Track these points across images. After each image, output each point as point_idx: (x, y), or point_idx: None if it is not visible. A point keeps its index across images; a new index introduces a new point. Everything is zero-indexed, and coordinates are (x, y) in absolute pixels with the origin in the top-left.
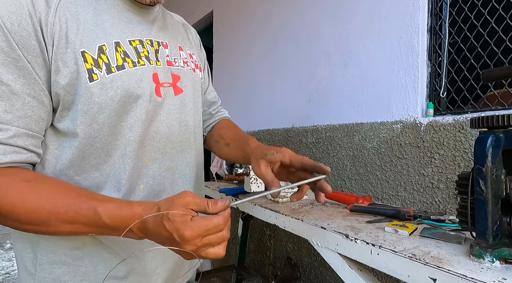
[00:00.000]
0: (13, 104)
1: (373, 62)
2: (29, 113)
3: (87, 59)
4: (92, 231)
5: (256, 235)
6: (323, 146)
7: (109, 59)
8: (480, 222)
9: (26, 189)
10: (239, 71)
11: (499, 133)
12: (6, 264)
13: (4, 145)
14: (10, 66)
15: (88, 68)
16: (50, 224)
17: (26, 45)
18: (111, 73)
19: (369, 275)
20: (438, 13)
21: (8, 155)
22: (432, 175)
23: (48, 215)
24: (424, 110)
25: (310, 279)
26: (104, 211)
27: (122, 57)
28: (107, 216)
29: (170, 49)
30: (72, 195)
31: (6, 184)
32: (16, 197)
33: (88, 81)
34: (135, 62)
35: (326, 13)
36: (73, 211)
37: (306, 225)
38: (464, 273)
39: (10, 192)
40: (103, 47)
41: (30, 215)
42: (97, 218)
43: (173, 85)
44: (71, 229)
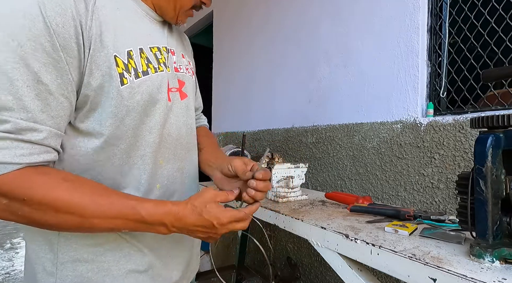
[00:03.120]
0: (48, 104)
1: (373, 62)
2: (61, 113)
3: (119, 63)
4: (130, 227)
5: (256, 235)
6: (323, 146)
7: (136, 64)
8: (480, 222)
9: (71, 189)
10: (239, 71)
11: (499, 133)
12: (6, 264)
13: (39, 145)
14: (50, 67)
15: (120, 73)
16: (90, 222)
17: (67, 46)
18: (138, 78)
19: (369, 275)
20: (438, 13)
21: (41, 154)
22: (432, 175)
23: (93, 212)
24: (424, 110)
25: (310, 279)
26: (143, 209)
27: (146, 63)
28: (146, 213)
29: (176, 56)
30: (112, 194)
31: (48, 183)
32: (61, 195)
33: (120, 85)
34: (156, 68)
35: (326, 13)
36: (116, 209)
37: (306, 225)
38: (464, 273)
39: (55, 190)
40: (130, 52)
41: (75, 212)
42: (137, 215)
43: (179, 90)
44: (111, 225)
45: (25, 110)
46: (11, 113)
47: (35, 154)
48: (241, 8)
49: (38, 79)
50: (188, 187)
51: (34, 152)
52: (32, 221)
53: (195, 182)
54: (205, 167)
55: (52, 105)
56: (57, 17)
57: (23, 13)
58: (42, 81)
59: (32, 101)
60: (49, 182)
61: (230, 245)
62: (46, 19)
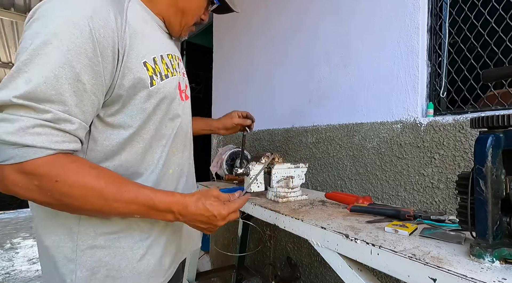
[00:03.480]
0: (82, 100)
1: (373, 62)
2: (90, 109)
3: (148, 68)
4: (143, 212)
5: (256, 235)
6: (323, 146)
7: (160, 68)
8: (480, 222)
9: (98, 176)
10: (239, 71)
11: (499, 133)
12: (6, 264)
13: (70, 135)
14: (89, 69)
15: (150, 75)
16: (113, 205)
17: (104, 54)
18: (162, 80)
19: (369, 275)
20: (438, 13)
21: (71, 143)
22: (432, 175)
23: (114, 197)
24: (424, 110)
25: (310, 279)
26: (156, 197)
27: (166, 68)
28: (158, 201)
29: (181, 63)
30: (130, 183)
31: (79, 169)
32: (90, 181)
33: (150, 86)
34: (173, 72)
35: (326, 13)
36: (133, 195)
37: (306, 225)
38: (464, 273)
39: (85, 176)
40: (155, 58)
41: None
42: (150, 201)
43: (185, 92)
44: (127, 210)
45: (63, 104)
46: (52, 105)
47: (67, 142)
48: (241, 8)
49: (78, 78)
50: (191, 173)
51: (66, 140)
52: (58, 201)
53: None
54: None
55: (85, 101)
56: (101, 29)
57: (74, 24)
58: (81, 80)
59: (70, 97)
60: (80, 168)
61: (230, 245)
62: (92, 30)
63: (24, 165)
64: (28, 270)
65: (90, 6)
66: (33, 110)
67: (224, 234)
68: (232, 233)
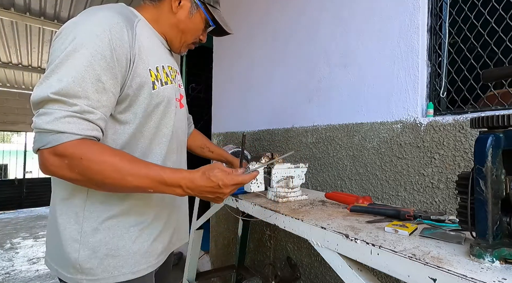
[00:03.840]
0: (102, 96)
1: (373, 62)
2: (108, 104)
3: (152, 74)
4: (154, 186)
5: (256, 235)
6: (323, 146)
7: (161, 76)
8: (480, 222)
9: (115, 154)
10: (239, 71)
11: (499, 133)
12: (6, 264)
13: (93, 123)
14: (108, 71)
15: (153, 81)
16: (128, 179)
17: (120, 59)
18: (162, 86)
19: (369, 275)
20: (438, 13)
21: (94, 131)
22: (432, 175)
23: (130, 172)
24: (424, 110)
25: (310, 279)
26: (165, 173)
27: (166, 76)
28: (167, 176)
29: (178, 76)
30: (142, 161)
31: (100, 149)
32: (108, 159)
33: (152, 89)
34: (171, 80)
35: (326, 13)
36: (145, 171)
37: (306, 225)
38: (464, 273)
39: (104, 155)
40: (157, 68)
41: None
42: (160, 176)
43: (179, 101)
44: (140, 183)
45: (88, 99)
46: (79, 100)
47: (90, 129)
48: (241, 8)
49: (99, 79)
50: None
51: (90, 127)
52: (83, 174)
53: None
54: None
55: (104, 97)
56: (117, 40)
57: (96, 36)
58: (101, 80)
59: (93, 94)
60: (100, 149)
61: (230, 245)
62: (110, 40)
63: (57, 148)
64: (28, 270)
65: (109, 22)
66: (65, 104)
67: (224, 234)
68: (232, 233)
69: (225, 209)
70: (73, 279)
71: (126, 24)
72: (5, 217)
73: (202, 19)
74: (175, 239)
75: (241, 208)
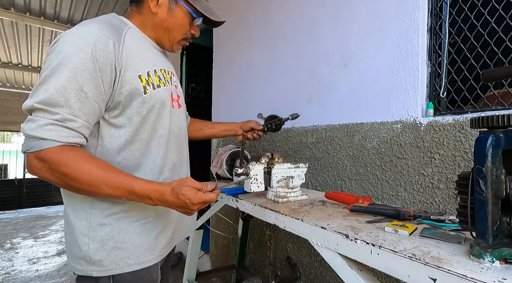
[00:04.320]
0: (84, 105)
1: (373, 62)
2: (91, 112)
3: (142, 80)
4: (126, 196)
5: (256, 235)
6: (323, 146)
7: (153, 80)
8: (480, 222)
9: (91, 163)
10: (238, 71)
11: (499, 133)
12: (6, 264)
13: (74, 131)
14: (91, 81)
15: (144, 86)
16: (101, 187)
17: (104, 70)
18: (155, 89)
19: (369, 275)
20: (438, 13)
21: (75, 138)
22: (432, 175)
23: (103, 181)
24: (424, 110)
25: (310, 279)
26: (136, 184)
27: (158, 79)
28: (138, 188)
29: (175, 77)
30: (117, 172)
31: (77, 157)
32: (84, 166)
33: (143, 94)
34: (164, 83)
35: (326, 13)
36: (118, 181)
37: (306, 225)
38: (464, 273)
39: (80, 162)
40: (149, 72)
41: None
42: (131, 187)
43: (178, 101)
44: (113, 192)
45: (70, 108)
46: (61, 109)
47: (71, 136)
48: (241, 8)
49: (81, 89)
50: (185, 171)
51: (71, 135)
52: (61, 179)
53: (189, 169)
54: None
55: (87, 106)
56: (102, 53)
57: (79, 49)
58: (83, 90)
59: (75, 103)
60: (77, 156)
61: (230, 245)
62: (93, 52)
63: (39, 153)
64: (28, 270)
65: (94, 36)
66: (47, 112)
67: (224, 234)
68: (232, 233)
69: (225, 209)
70: (84, 271)
71: (113, 35)
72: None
73: (184, 13)
74: (177, 235)
75: (241, 208)
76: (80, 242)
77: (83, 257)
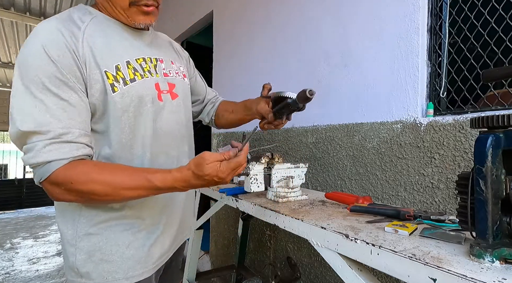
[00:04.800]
0: (72, 113)
1: (373, 62)
2: (83, 118)
3: (109, 76)
4: (153, 193)
5: (256, 235)
6: (323, 146)
7: (124, 74)
8: (480, 222)
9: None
10: (239, 71)
11: (499, 133)
12: (6, 264)
13: (75, 143)
14: (64, 87)
15: (110, 83)
16: (122, 194)
17: (71, 70)
18: (126, 85)
19: (369, 275)
20: (438, 13)
21: (80, 149)
22: (432, 175)
23: (121, 186)
24: (424, 110)
25: (310, 279)
26: (156, 180)
27: (132, 72)
28: (159, 183)
29: (165, 63)
30: (131, 173)
31: (86, 169)
32: (97, 177)
33: (112, 93)
34: (142, 75)
35: (326, 13)
36: (136, 183)
37: (306, 225)
38: (464, 273)
39: (92, 174)
40: (118, 66)
41: (107, 189)
42: (151, 184)
43: (170, 92)
44: (136, 194)
45: (59, 121)
46: (50, 125)
47: (75, 149)
48: (241, 8)
49: (60, 98)
50: None
51: (73, 148)
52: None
53: None
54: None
55: (75, 113)
56: (57, 51)
57: (34, 58)
58: (63, 98)
59: (61, 114)
60: (87, 168)
61: (230, 245)
62: (49, 56)
63: (51, 178)
64: (28, 270)
65: (42, 37)
66: (40, 134)
67: (224, 234)
68: (232, 233)
69: (225, 209)
70: (74, 282)
71: (66, 29)
72: (5, 217)
73: None
74: (180, 239)
75: (241, 208)
76: (68, 253)
77: (72, 267)
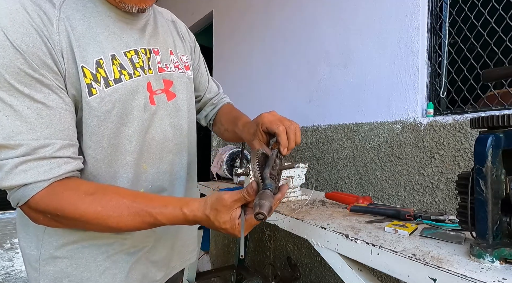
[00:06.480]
0: (51, 119)
1: (373, 62)
2: (66, 125)
3: (86, 74)
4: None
5: (256, 235)
6: (323, 146)
7: (106, 73)
8: (480, 222)
9: (93, 202)
10: (239, 71)
11: (499, 133)
12: (6, 264)
13: (55, 159)
14: (38, 86)
15: (87, 83)
16: (116, 229)
17: (45, 64)
18: (109, 87)
19: (369, 275)
20: (438, 13)
21: (62, 166)
22: (432, 175)
23: (117, 225)
24: (424, 110)
25: (310, 279)
26: (164, 219)
27: (118, 70)
28: (166, 220)
29: (161, 55)
30: (129, 203)
31: (73, 199)
32: (88, 208)
33: (88, 96)
34: (131, 74)
35: (326, 13)
36: (139, 220)
37: (306, 225)
38: (464, 273)
39: (79, 203)
40: (100, 61)
41: (101, 225)
42: (157, 223)
43: (165, 91)
44: (138, 228)
45: (33, 130)
46: (22, 136)
47: (55, 167)
48: (241, 8)
49: (33, 99)
50: (177, 188)
51: (53, 165)
52: (74, 226)
53: (184, 183)
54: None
55: (54, 119)
56: (24, 37)
57: None
58: (37, 100)
59: (36, 120)
60: (73, 195)
61: (230, 245)
62: (13, 43)
63: (30, 204)
64: None
65: (4, 18)
66: (8, 148)
67: (224, 234)
68: None
69: None
70: None
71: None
72: (5, 217)
73: None
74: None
75: None
76: (30, 277)
77: None
